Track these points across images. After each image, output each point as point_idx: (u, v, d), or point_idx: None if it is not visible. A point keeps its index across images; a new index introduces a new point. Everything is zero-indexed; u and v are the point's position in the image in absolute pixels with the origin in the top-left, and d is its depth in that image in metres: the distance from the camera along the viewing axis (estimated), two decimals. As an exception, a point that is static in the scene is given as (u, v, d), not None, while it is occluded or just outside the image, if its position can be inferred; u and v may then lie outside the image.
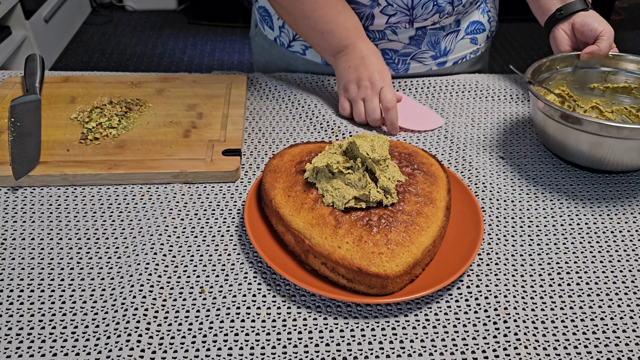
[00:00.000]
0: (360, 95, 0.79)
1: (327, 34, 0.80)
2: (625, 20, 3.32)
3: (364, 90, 0.79)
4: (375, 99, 0.78)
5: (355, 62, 0.79)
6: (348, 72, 0.80)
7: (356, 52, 0.80)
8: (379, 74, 0.79)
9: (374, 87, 0.78)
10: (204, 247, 0.61)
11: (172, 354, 0.50)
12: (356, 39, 0.80)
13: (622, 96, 0.81)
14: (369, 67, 0.79)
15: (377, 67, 0.79)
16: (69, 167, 0.69)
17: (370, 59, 0.79)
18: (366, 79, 0.79)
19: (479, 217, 0.61)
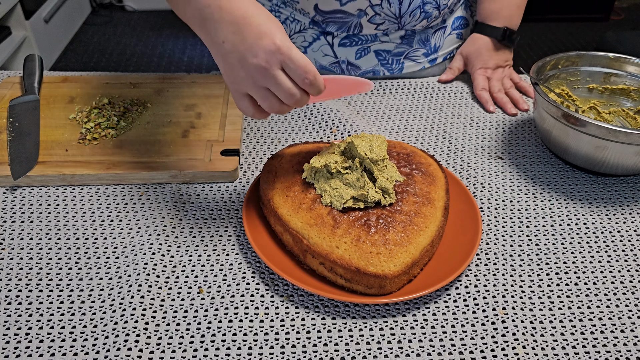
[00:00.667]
0: (256, 82, 0.50)
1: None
2: (624, 20, 3.32)
3: (257, 74, 0.50)
4: (280, 76, 0.49)
5: (228, 33, 0.50)
6: (224, 52, 0.51)
7: (224, 14, 0.50)
8: (269, 41, 0.48)
9: (273, 59, 0.49)
10: (202, 247, 0.61)
11: (170, 354, 0.50)
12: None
13: (621, 98, 0.81)
14: (250, 35, 0.49)
15: (263, 29, 0.49)
16: (67, 167, 0.69)
17: (251, 19, 0.50)
18: (252, 57, 0.49)
19: (477, 217, 0.61)
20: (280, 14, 0.88)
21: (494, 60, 0.90)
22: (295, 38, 0.89)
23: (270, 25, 0.49)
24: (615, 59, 0.80)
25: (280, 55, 0.48)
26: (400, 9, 0.82)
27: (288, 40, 0.49)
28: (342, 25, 0.85)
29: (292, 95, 0.50)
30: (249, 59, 0.49)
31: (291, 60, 0.48)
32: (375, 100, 0.88)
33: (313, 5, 0.82)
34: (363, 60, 0.90)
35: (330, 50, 0.89)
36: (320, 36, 0.87)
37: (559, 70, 0.81)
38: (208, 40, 0.53)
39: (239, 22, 0.50)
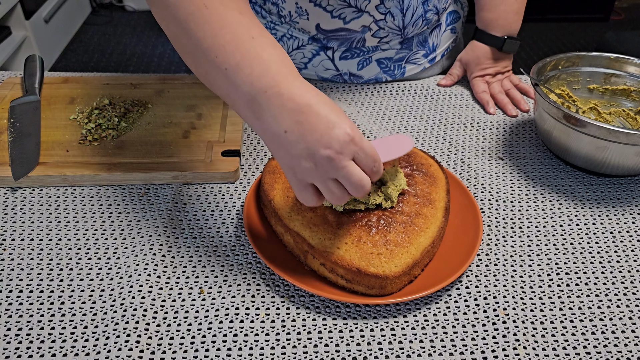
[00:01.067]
0: (325, 173, 0.46)
1: (232, 70, 0.47)
2: (625, 20, 3.32)
3: (328, 165, 0.46)
4: (352, 167, 0.46)
5: (290, 122, 0.46)
6: (286, 142, 0.46)
7: (285, 101, 0.46)
8: (341, 131, 0.45)
9: (346, 150, 0.45)
10: (203, 248, 0.61)
11: (171, 355, 0.50)
12: (281, 77, 0.47)
13: (621, 98, 0.81)
14: (320, 125, 0.45)
15: (333, 118, 0.45)
16: (68, 167, 0.69)
17: (317, 107, 0.46)
18: (324, 148, 0.45)
19: (478, 218, 0.61)
20: (277, 31, 0.87)
21: (494, 69, 0.90)
22: (294, 55, 0.88)
23: (338, 113, 0.46)
24: (616, 60, 0.80)
25: (353, 146, 0.45)
26: (404, 21, 0.82)
27: (357, 129, 0.46)
28: (345, 41, 0.84)
29: (363, 187, 0.47)
30: (319, 150, 0.45)
31: (363, 150, 0.46)
32: (375, 101, 0.88)
33: (314, 25, 0.82)
34: (365, 71, 0.89)
35: (332, 64, 0.88)
36: (320, 51, 0.87)
37: (560, 71, 0.81)
38: (261, 129, 0.48)
39: (304, 110, 0.45)
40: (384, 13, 0.80)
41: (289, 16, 0.82)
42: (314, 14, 0.80)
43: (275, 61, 0.47)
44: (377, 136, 0.79)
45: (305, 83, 0.47)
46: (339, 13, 0.79)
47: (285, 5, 0.81)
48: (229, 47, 0.47)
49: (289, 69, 0.48)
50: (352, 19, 0.80)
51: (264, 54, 0.47)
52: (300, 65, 0.89)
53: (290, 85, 0.46)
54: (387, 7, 0.79)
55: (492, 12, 0.86)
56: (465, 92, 0.91)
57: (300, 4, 0.79)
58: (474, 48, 0.89)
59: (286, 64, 0.48)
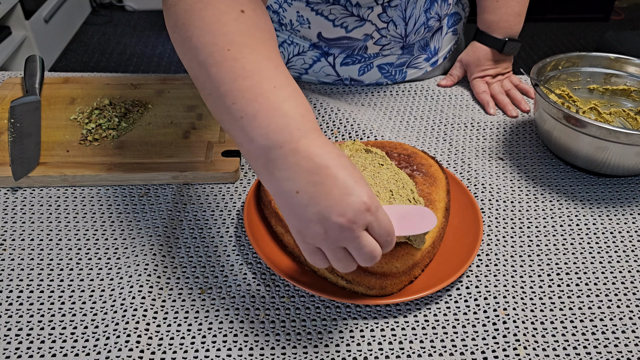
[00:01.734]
0: (335, 241, 0.43)
1: (249, 120, 0.44)
2: (625, 20, 3.32)
3: (340, 234, 0.42)
4: (365, 238, 0.43)
5: (304, 183, 0.42)
6: (296, 204, 0.43)
7: (301, 159, 0.42)
8: (358, 199, 0.42)
9: (361, 220, 0.42)
10: (204, 248, 0.61)
11: (171, 355, 0.50)
12: (301, 133, 0.43)
13: (621, 98, 0.81)
14: (335, 190, 0.42)
15: (350, 184, 0.42)
16: (68, 168, 0.69)
17: (335, 169, 0.42)
18: (338, 215, 0.42)
19: (478, 218, 0.61)
20: (277, 36, 0.86)
21: (495, 70, 0.90)
22: (294, 61, 0.88)
23: (357, 179, 0.42)
24: (616, 60, 0.80)
25: (369, 216, 0.42)
26: (406, 29, 0.82)
27: (375, 198, 0.43)
28: (347, 49, 0.84)
29: (373, 258, 0.44)
30: (332, 217, 0.41)
31: (378, 221, 0.43)
32: (376, 101, 0.88)
33: (316, 33, 0.81)
34: (366, 76, 0.89)
35: (332, 70, 0.88)
36: (321, 57, 0.86)
37: (560, 71, 0.81)
38: (273, 186, 0.44)
39: (320, 172, 0.42)
40: (387, 22, 0.80)
41: (290, 24, 0.82)
42: (315, 22, 0.79)
43: (296, 115, 0.44)
44: (377, 136, 0.78)
45: (327, 142, 0.44)
46: (341, 22, 0.79)
47: (287, 14, 0.80)
48: (248, 94, 0.44)
49: (310, 125, 0.44)
50: (354, 28, 0.80)
51: (284, 105, 0.44)
52: (301, 71, 0.89)
53: (309, 142, 0.43)
54: (390, 16, 0.79)
55: (494, 14, 0.86)
56: (466, 92, 0.91)
57: (302, 13, 0.79)
58: (474, 49, 0.89)
59: (308, 119, 0.44)
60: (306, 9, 0.78)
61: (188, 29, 0.47)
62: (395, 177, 0.59)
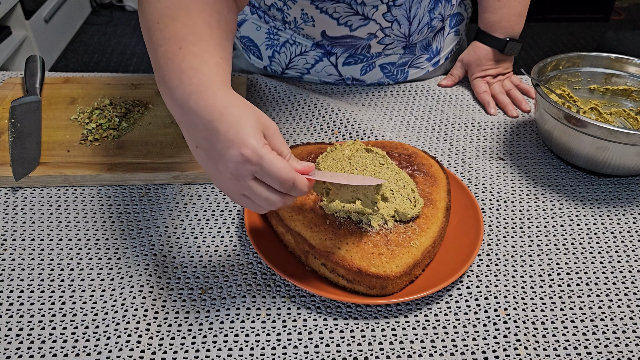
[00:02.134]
0: (236, 190, 0.46)
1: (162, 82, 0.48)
2: (625, 20, 3.32)
3: (232, 183, 0.45)
4: (254, 187, 0.45)
5: (200, 138, 0.46)
6: (199, 158, 0.47)
7: (194, 116, 0.45)
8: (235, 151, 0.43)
9: (243, 171, 0.44)
10: (204, 248, 0.61)
11: (172, 355, 0.50)
12: (193, 89, 0.46)
13: (622, 98, 0.81)
14: (219, 142, 0.44)
15: (231, 135, 0.43)
16: (69, 168, 0.69)
17: (219, 122, 0.44)
18: (224, 169, 0.45)
19: (478, 218, 0.61)
20: (279, 36, 0.86)
21: (495, 70, 0.90)
22: (296, 61, 0.88)
23: (238, 129, 0.43)
24: (616, 60, 0.80)
25: (250, 166, 0.43)
26: (410, 29, 0.82)
27: (258, 145, 0.43)
28: (350, 47, 0.84)
29: (272, 204, 0.46)
30: (221, 170, 0.45)
31: (262, 169, 0.43)
32: (376, 101, 0.88)
33: (320, 31, 0.81)
34: (368, 76, 0.89)
35: (334, 70, 0.88)
36: (324, 57, 0.87)
37: (560, 71, 0.81)
38: (188, 143, 0.48)
39: (208, 126, 0.44)
40: (391, 21, 0.80)
41: (294, 22, 0.82)
42: (319, 20, 0.79)
43: (191, 70, 0.46)
44: (377, 136, 0.78)
45: (219, 92, 0.45)
46: (345, 20, 0.79)
47: (291, 12, 0.80)
48: (161, 60, 0.48)
49: (207, 77, 0.46)
50: (358, 27, 0.80)
51: (183, 64, 0.47)
52: (303, 71, 0.89)
53: (200, 96, 0.45)
54: (394, 15, 0.79)
55: (495, 14, 0.86)
56: (466, 92, 0.91)
57: (306, 11, 0.79)
58: (475, 49, 0.89)
59: (205, 73, 0.46)
60: (311, 7, 0.78)
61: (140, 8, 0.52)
62: (396, 177, 0.59)
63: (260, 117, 0.46)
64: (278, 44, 0.87)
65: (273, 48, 0.88)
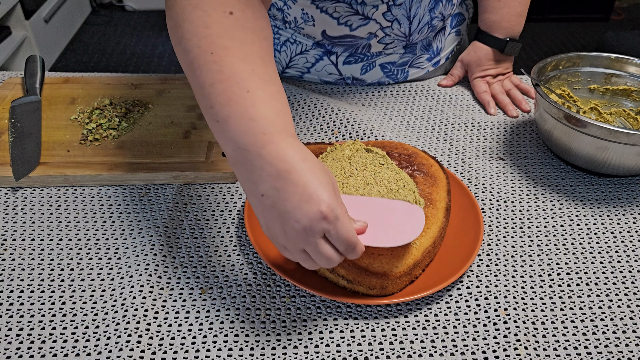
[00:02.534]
0: (295, 244, 0.45)
1: (222, 123, 0.46)
2: (625, 20, 3.32)
3: (299, 238, 0.44)
4: (321, 245, 0.44)
5: (268, 187, 0.44)
6: (262, 206, 0.45)
7: (265, 164, 0.44)
8: (313, 207, 0.43)
9: (317, 227, 0.43)
10: (204, 248, 0.61)
11: (172, 355, 0.50)
12: (266, 137, 0.44)
13: (622, 99, 0.81)
14: (294, 196, 0.43)
15: (310, 190, 0.43)
16: (69, 167, 0.69)
17: (296, 175, 0.43)
18: (294, 221, 0.43)
19: (478, 218, 0.61)
20: (280, 35, 0.86)
21: (495, 70, 0.90)
22: (297, 60, 0.88)
23: (317, 185, 0.43)
24: (616, 60, 0.80)
25: (325, 225, 0.43)
26: (410, 28, 0.82)
27: (335, 204, 0.43)
28: (350, 47, 0.84)
29: (331, 263, 0.45)
30: (290, 222, 0.43)
31: (336, 230, 0.43)
32: (377, 101, 0.88)
33: (320, 31, 0.81)
34: (368, 75, 0.89)
35: (335, 69, 0.88)
36: (324, 56, 0.86)
37: (560, 71, 0.81)
38: (245, 186, 0.46)
39: (281, 176, 0.43)
40: (391, 20, 0.80)
41: (294, 22, 0.82)
42: (320, 20, 0.80)
43: (263, 118, 0.45)
44: (377, 136, 0.78)
45: (293, 144, 0.44)
46: (345, 20, 0.79)
47: (291, 11, 0.80)
48: (222, 98, 0.46)
49: (278, 127, 0.45)
50: (358, 26, 0.80)
51: (252, 109, 0.45)
52: (303, 70, 0.89)
53: (273, 147, 0.44)
54: (394, 15, 0.79)
55: (495, 14, 0.86)
56: (466, 92, 0.91)
57: (306, 10, 0.79)
58: (475, 49, 0.89)
59: (276, 122, 0.45)
60: (311, 7, 0.78)
61: (179, 30, 0.49)
62: (396, 177, 0.59)
63: (332, 176, 0.45)
64: (278, 43, 0.87)
65: (273, 47, 0.88)
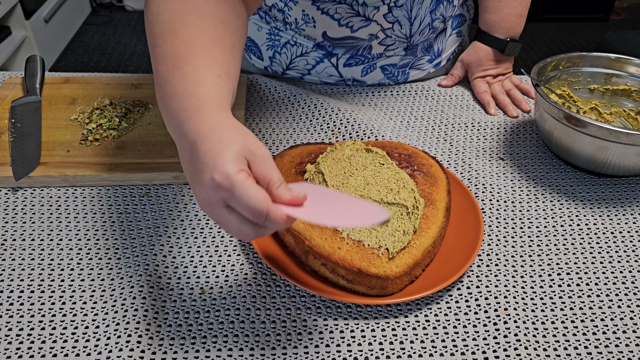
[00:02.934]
0: (210, 215, 0.43)
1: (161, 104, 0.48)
2: (625, 20, 3.32)
3: (205, 208, 0.43)
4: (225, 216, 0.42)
5: (185, 160, 0.45)
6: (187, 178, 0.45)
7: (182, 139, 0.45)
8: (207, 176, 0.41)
9: (214, 197, 0.41)
10: (204, 248, 0.61)
11: (172, 355, 0.50)
12: (186, 114, 0.45)
13: (622, 99, 0.81)
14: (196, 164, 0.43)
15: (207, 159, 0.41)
16: (69, 168, 0.69)
17: (200, 145, 0.42)
18: (198, 192, 0.43)
19: (478, 218, 0.61)
20: (280, 37, 0.86)
21: (495, 70, 0.90)
22: (297, 61, 0.88)
23: (216, 152, 0.41)
24: (617, 60, 0.80)
25: (222, 193, 0.40)
26: (411, 30, 0.82)
27: (235, 171, 0.40)
28: (351, 48, 0.84)
29: (245, 235, 0.42)
30: (196, 193, 0.43)
31: (234, 197, 0.40)
32: (377, 102, 0.88)
33: (321, 32, 0.81)
34: (369, 77, 0.89)
35: (335, 71, 0.88)
36: (324, 58, 0.86)
37: (560, 71, 0.81)
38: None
39: (192, 148, 0.43)
40: (392, 22, 0.80)
41: (295, 23, 0.82)
42: (320, 21, 0.79)
43: (187, 95, 0.45)
44: (377, 136, 0.78)
45: (211, 115, 0.44)
46: (346, 22, 0.79)
47: (292, 13, 0.80)
48: (161, 80, 0.48)
49: (201, 101, 0.45)
50: (359, 28, 0.80)
51: (178, 87, 0.46)
52: (304, 72, 0.89)
53: (190, 122, 0.44)
54: (395, 16, 0.79)
55: (496, 14, 0.86)
56: (466, 92, 0.91)
57: (307, 12, 0.79)
58: (475, 49, 0.89)
59: (200, 97, 0.45)
60: (312, 8, 0.78)
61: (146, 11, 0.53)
62: (396, 177, 0.59)
63: (248, 142, 0.42)
64: (279, 45, 0.87)
65: (274, 49, 0.88)
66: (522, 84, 0.91)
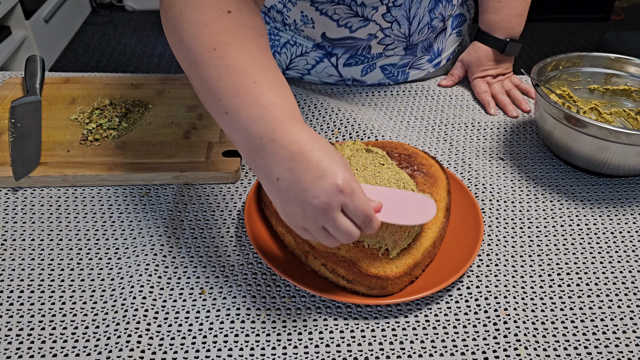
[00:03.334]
0: (315, 221, 0.46)
1: (232, 115, 0.48)
2: (625, 20, 3.32)
3: (316, 214, 0.45)
4: (340, 219, 0.45)
5: (283, 170, 0.45)
6: (279, 189, 0.47)
7: (278, 148, 0.45)
8: (329, 181, 0.44)
9: (334, 201, 0.44)
10: (204, 248, 0.61)
11: (172, 355, 0.50)
12: (276, 123, 0.46)
13: (622, 99, 0.81)
14: (309, 174, 0.45)
15: (324, 166, 0.44)
16: (69, 168, 0.69)
17: (309, 154, 0.45)
18: (312, 198, 0.44)
19: (478, 218, 0.61)
20: (280, 37, 0.86)
21: (495, 70, 0.90)
22: (297, 61, 0.88)
23: (331, 161, 0.45)
24: (617, 60, 0.80)
25: (342, 197, 0.44)
26: (410, 29, 0.82)
27: (351, 179, 0.45)
28: (350, 48, 0.84)
29: (351, 237, 0.46)
30: (308, 199, 0.45)
31: (353, 202, 0.45)
32: (377, 102, 0.88)
33: (320, 33, 0.81)
34: (369, 77, 0.89)
35: (335, 70, 0.88)
36: (324, 58, 0.86)
37: (560, 71, 0.81)
38: (259, 174, 0.48)
39: (295, 157, 0.45)
40: (391, 21, 0.80)
41: (294, 24, 0.82)
42: (319, 22, 0.79)
43: (272, 105, 0.46)
44: (377, 136, 0.78)
45: (303, 128, 0.46)
46: (345, 22, 0.79)
47: (290, 14, 0.80)
48: (229, 91, 0.47)
49: (287, 113, 0.47)
50: (358, 28, 0.80)
51: (262, 98, 0.47)
52: (304, 72, 0.89)
53: (284, 131, 0.45)
54: (394, 16, 0.79)
55: (496, 14, 0.86)
56: (466, 92, 0.91)
57: (306, 13, 0.79)
58: (475, 49, 0.89)
59: (284, 108, 0.47)
60: (310, 9, 0.78)
61: (178, 31, 0.50)
62: (396, 177, 0.59)
63: (343, 156, 0.47)
64: (278, 45, 0.87)
65: (274, 49, 0.88)
66: (522, 84, 0.91)
